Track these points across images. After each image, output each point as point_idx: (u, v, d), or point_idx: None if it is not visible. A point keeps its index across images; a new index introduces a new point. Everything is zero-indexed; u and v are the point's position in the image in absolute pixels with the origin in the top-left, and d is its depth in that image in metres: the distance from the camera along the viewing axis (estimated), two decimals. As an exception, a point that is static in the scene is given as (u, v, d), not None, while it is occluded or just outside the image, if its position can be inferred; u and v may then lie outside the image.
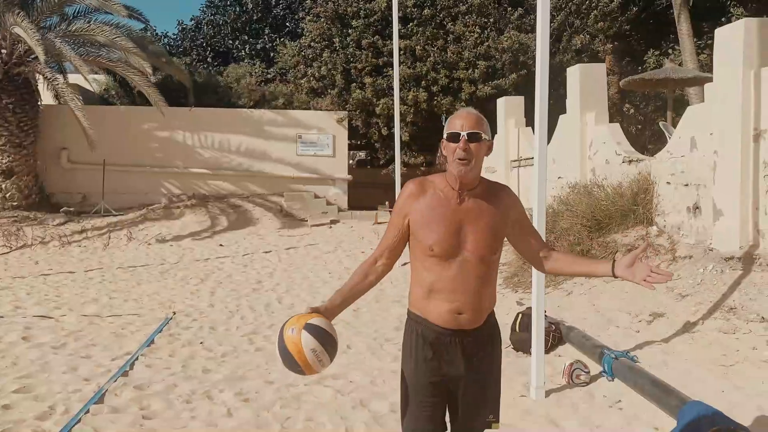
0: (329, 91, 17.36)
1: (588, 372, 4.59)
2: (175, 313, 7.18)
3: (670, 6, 15.20)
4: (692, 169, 6.62)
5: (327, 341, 2.12)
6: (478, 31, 16.18)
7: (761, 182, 5.59)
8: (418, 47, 16.12)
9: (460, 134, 2.19)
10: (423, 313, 2.30)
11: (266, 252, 11.98)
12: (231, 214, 15.37)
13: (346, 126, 16.81)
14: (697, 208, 6.51)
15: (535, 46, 17.18)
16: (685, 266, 6.22)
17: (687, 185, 6.69)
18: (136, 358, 5.39)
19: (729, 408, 3.59)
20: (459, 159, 2.19)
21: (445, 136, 2.25)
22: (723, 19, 17.31)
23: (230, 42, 25.33)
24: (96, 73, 17.12)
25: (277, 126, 16.73)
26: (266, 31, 25.01)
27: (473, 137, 2.19)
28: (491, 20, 16.60)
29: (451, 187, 2.26)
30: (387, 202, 16.80)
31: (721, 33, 6.03)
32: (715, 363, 4.44)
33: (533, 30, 16.26)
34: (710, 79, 10.72)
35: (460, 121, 2.22)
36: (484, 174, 2.36)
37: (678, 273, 6.04)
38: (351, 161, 23.61)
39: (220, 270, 10.33)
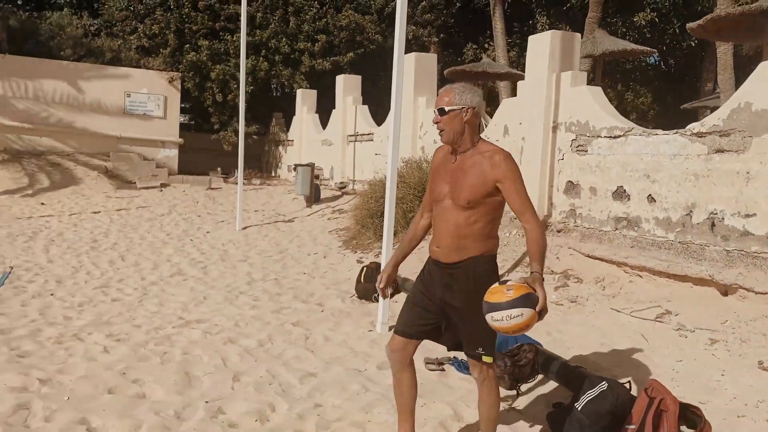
0: (161, 50, 16.86)
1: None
2: (12, 268, 7.01)
3: (488, 4, 16.94)
4: (504, 151, 7.90)
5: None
6: (317, 6, 16.72)
7: (556, 165, 6.95)
8: (259, 14, 16.23)
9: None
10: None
11: (95, 212, 11.65)
12: (51, 173, 14.48)
13: (179, 88, 16.43)
14: (507, 184, 7.80)
15: (370, 29, 17.92)
16: (495, 232, 7.49)
17: (499, 165, 7.96)
18: (-13, 308, 5.36)
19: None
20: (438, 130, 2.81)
21: None
22: (530, 21, 19.63)
23: (44, -15, 23.10)
24: None
25: (103, 81, 15.91)
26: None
27: (438, 113, 2.77)
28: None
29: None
30: (219, 168, 16.79)
31: (533, 40, 7.29)
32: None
33: (367, 12, 17.19)
34: (519, 76, 12.38)
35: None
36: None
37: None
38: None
39: (48, 228, 9.96)
